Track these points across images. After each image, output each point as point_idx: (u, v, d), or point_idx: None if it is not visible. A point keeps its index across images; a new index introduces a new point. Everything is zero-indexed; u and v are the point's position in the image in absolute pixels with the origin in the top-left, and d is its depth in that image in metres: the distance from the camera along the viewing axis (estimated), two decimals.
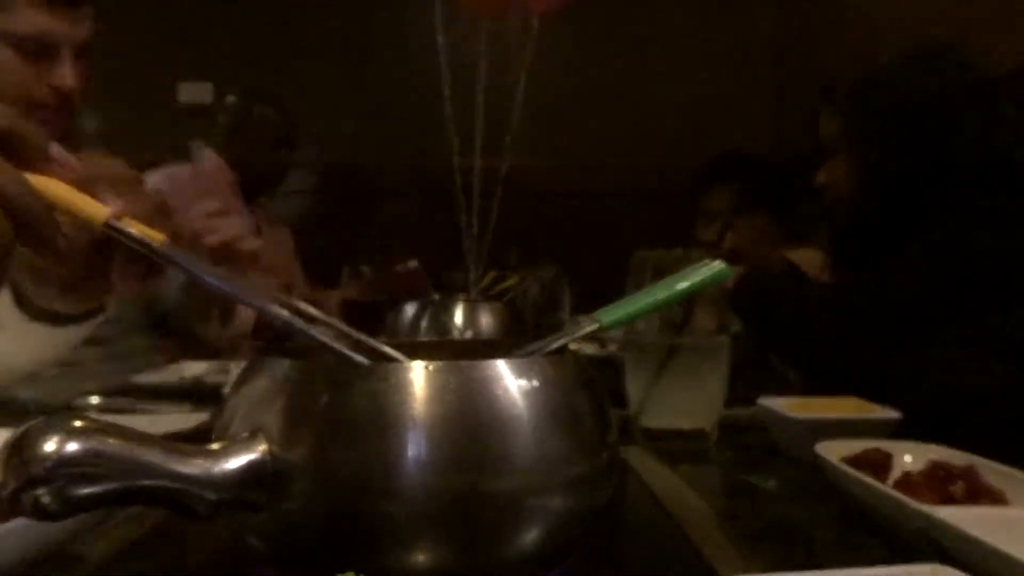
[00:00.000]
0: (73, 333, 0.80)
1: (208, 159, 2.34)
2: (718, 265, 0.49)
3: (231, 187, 2.36)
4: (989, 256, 1.04)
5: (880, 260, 1.17)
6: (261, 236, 2.39)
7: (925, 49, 1.21)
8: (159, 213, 0.56)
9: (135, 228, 0.46)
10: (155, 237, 0.47)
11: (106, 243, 0.55)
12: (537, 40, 1.41)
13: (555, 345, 0.46)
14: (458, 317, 1.19)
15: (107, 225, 0.46)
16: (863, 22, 2.36)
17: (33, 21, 1.20)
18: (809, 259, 1.59)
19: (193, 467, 0.38)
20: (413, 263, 1.45)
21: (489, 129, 1.39)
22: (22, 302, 0.74)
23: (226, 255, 1.07)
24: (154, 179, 2.14)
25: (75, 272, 0.65)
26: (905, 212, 1.15)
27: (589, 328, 0.46)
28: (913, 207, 1.14)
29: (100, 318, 0.81)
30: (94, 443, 0.35)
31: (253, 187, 2.40)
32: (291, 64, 2.89)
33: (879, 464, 0.60)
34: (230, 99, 2.40)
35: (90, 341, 1.32)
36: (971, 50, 1.20)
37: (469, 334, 1.16)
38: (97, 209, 0.46)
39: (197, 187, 2.22)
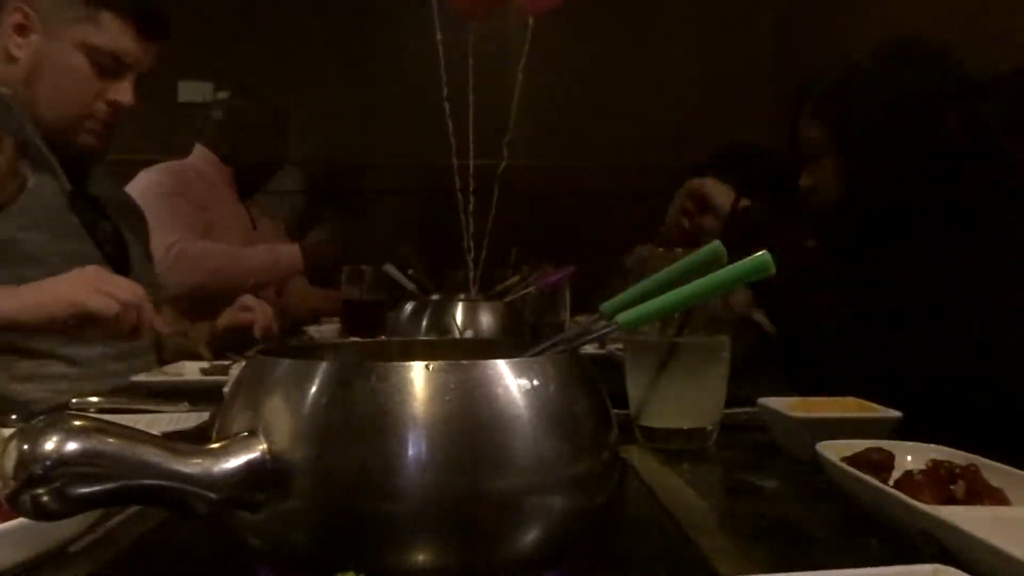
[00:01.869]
0: None
1: (202, 156, 2.35)
2: (761, 256, 0.40)
3: (226, 183, 2.36)
4: (973, 259, 1.04)
5: (867, 264, 1.17)
6: (257, 230, 2.41)
7: (901, 46, 1.19)
8: None
9: None
10: None
11: None
12: (535, 40, 1.41)
13: (576, 345, 0.45)
14: (458, 317, 1.19)
15: None
16: (864, 19, 2.36)
17: (118, 41, 1.33)
18: None
19: (193, 467, 0.38)
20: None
21: (488, 129, 1.39)
22: None
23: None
24: (151, 176, 2.16)
25: None
26: (892, 214, 1.15)
27: (606, 329, 0.45)
28: (900, 209, 1.14)
29: None
30: (94, 443, 0.35)
31: (248, 181, 2.41)
32: (291, 64, 2.89)
33: (880, 464, 0.59)
34: (220, 94, 2.41)
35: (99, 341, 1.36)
36: (950, 48, 1.19)
37: (469, 334, 1.16)
38: None
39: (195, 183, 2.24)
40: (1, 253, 1.24)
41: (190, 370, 1.25)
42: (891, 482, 0.56)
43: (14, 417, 0.89)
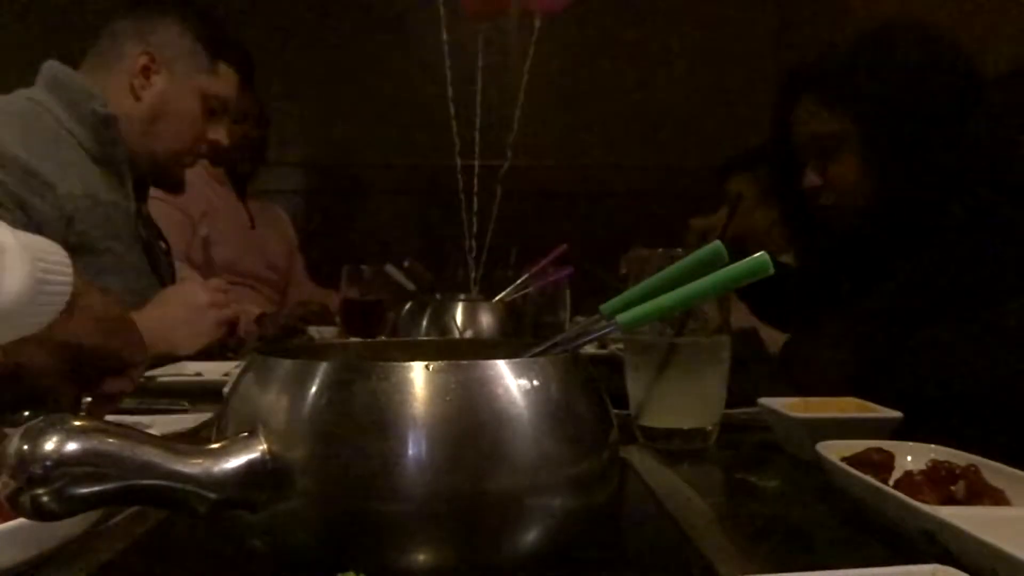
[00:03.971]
0: None
1: None
2: (759, 257, 0.40)
3: (221, 183, 2.37)
4: (976, 258, 1.03)
5: (879, 263, 1.15)
6: (255, 228, 2.41)
7: (926, 40, 1.12)
8: None
9: None
10: None
11: None
12: (538, 40, 1.41)
13: (576, 345, 0.45)
14: (458, 317, 1.19)
15: None
16: (864, 16, 2.36)
17: (229, 89, 1.51)
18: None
19: (193, 467, 0.38)
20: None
21: (489, 129, 1.39)
22: None
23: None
24: None
25: None
26: (918, 214, 1.08)
27: (606, 329, 0.45)
28: (925, 208, 1.08)
29: None
30: (94, 443, 0.35)
31: (240, 172, 2.40)
32: (292, 64, 2.89)
33: (880, 464, 0.59)
34: None
35: None
36: (963, 42, 1.14)
37: (469, 334, 1.16)
38: None
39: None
40: (93, 260, 1.31)
41: (190, 370, 1.25)
42: (891, 482, 0.56)
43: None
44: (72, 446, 0.34)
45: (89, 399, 0.91)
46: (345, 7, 2.95)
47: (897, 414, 0.74)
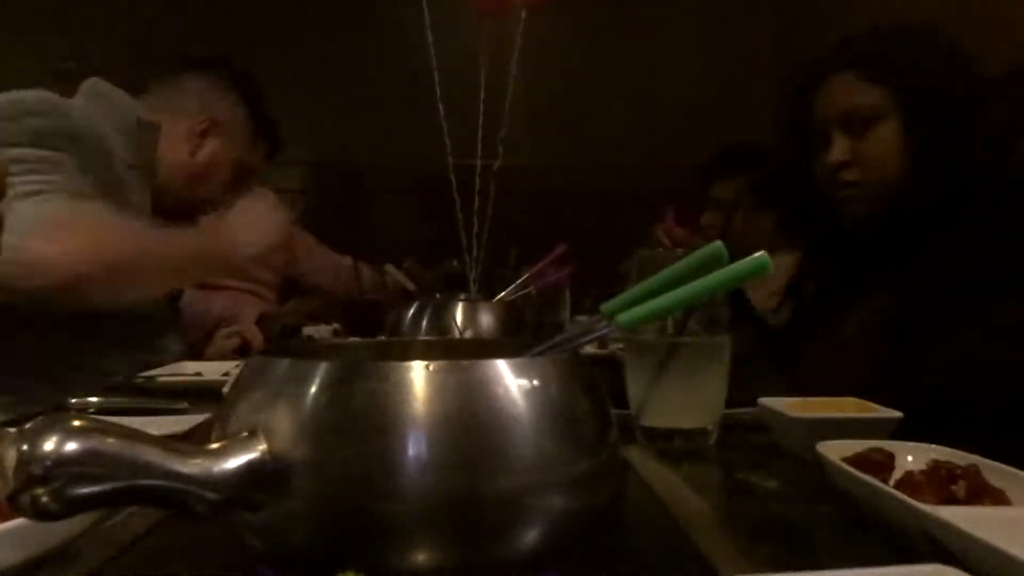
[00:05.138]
0: None
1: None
2: (759, 256, 0.40)
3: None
4: (1003, 250, 1.03)
5: (885, 259, 1.15)
6: None
7: (940, 35, 1.15)
8: None
9: None
10: None
11: None
12: (531, 36, 1.41)
13: (575, 345, 0.45)
14: (458, 317, 1.19)
15: None
16: (865, 11, 2.36)
17: (261, 163, 1.71)
18: (775, 263, 1.53)
19: (193, 467, 0.38)
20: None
21: (487, 128, 1.38)
22: None
23: None
24: None
25: None
26: (947, 193, 1.08)
27: (606, 329, 0.45)
28: (949, 196, 1.08)
29: None
30: (94, 443, 0.35)
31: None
32: (289, 63, 2.88)
33: (880, 464, 0.59)
34: None
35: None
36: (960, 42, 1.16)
37: (469, 334, 1.16)
38: None
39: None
40: None
41: (190, 370, 1.25)
42: (891, 482, 0.56)
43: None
44: (72, 446, 0.34)
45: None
46: (345, 6, 2.95)
47: (897, 414, 0.74)
